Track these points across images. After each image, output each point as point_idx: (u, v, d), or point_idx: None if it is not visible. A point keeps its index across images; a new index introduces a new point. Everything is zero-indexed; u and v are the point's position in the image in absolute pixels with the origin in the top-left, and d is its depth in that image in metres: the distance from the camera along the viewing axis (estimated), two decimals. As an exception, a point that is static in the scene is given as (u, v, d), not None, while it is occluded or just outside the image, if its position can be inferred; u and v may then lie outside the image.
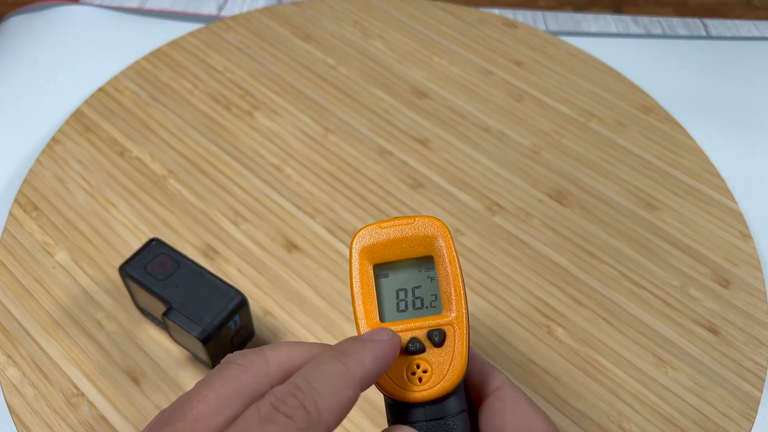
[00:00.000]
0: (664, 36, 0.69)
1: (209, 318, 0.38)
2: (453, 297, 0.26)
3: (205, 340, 0.38)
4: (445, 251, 0.27)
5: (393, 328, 0.25)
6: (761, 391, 0.41)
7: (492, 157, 0.54)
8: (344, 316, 0.44)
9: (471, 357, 0.27)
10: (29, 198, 0.50)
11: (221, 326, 0.38)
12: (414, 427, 0.24)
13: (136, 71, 0.60)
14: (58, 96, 0.59)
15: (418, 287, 0.27)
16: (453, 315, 0.26)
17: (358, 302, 0.26)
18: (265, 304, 0.45)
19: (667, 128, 0.57)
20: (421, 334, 0.25)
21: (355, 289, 0.27)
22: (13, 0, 0.74)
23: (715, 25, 0.70)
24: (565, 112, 0.58)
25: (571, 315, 0.45)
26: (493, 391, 0.27)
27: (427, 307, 0.26)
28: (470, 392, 0.27)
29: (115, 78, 0.59)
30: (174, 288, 0.39)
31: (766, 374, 0.42)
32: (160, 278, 0.39)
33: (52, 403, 0.40)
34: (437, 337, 0.25)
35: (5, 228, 0.48)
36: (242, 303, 0.39)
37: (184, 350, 0.42)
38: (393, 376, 0.25)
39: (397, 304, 0.27)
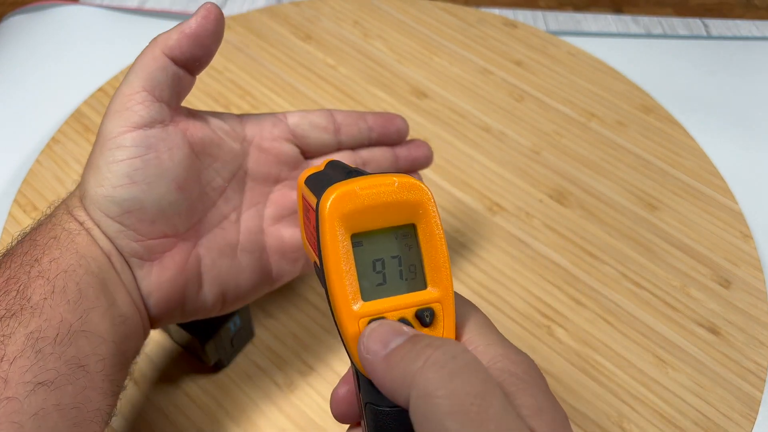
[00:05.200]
0: (665, 36, 0.69)
1: (209, 319, 0.38)
2: (438, 270, 0.24)
3: (204, 341, 0.38)
4: (428, 219, 0.24)
5: (378, 307, 0.23)
6: (762, 392, 0.41)
7: (492, 157, 0.54)
8: (344, 317, 0.44)
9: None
10: (29, 198, 0.50)
11: (221, 327, 0.38)
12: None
13: (135, 71, 0.60)
14: (57, 96, 0.59)
15: (397, 258, 0.24)
16: (439, 291, 0.24)
17: (337, 279, 0.23)
18: (264, 305, 0.45)
19: (667, 128, 0.57)
20: (409, 313, 0.23)
21: (331, 262, 0.23)
22: (13, 0, 0.74)
23: (716, 25, 0.70)
24: (565, 112, 0.58)
25: (572, 315, 0.45)
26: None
27: (408, 281, 0.24)
28: None
29: (115, 78, 0.59)
30: (174, 288, 0.39)
31: (766, 375, 0.42)
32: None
33: (52, 403, 0.40)
34: (428, 318, 0.23)
35: (5, 228, 0.48)
36: (242, 303, 0.39)
37: (184, 351, 0.42)
38: None
39: (376, 277, 0.24)
